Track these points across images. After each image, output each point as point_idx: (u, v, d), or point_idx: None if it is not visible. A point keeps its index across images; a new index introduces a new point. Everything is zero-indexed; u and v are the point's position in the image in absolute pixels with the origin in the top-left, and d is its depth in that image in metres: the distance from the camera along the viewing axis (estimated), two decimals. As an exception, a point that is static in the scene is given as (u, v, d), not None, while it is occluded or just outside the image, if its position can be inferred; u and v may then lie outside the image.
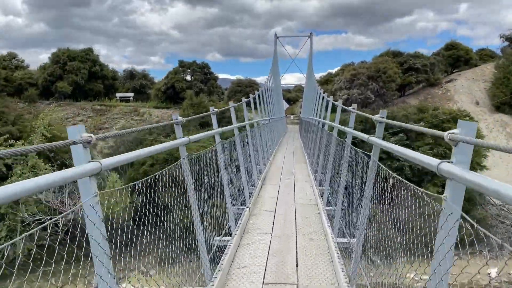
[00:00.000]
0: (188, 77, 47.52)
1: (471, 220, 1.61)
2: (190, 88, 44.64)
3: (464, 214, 1.74)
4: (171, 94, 46.36)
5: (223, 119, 42.64)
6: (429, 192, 2.17)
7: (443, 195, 1.89)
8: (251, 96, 12.85)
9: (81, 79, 44.95)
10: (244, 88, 57.66)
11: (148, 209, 2.87)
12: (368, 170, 3.88)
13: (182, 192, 3.94)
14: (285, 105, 48.36)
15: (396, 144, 4.07)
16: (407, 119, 28.85)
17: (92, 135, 1.96)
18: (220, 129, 5.88)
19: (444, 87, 47.52)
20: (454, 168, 1.71)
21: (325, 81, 60.27)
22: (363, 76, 42.91)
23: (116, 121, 43.07)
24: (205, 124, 36.12)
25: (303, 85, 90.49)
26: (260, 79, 33.80)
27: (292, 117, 65.69)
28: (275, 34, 44.35)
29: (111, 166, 2.19)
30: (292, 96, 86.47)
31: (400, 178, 2.86)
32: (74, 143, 1.86)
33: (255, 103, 17.60)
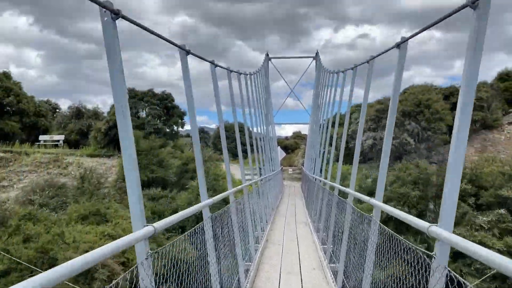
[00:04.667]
0: (143, 113, 36.51)
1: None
2: (141, 128, 33.41)
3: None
4: (115, 137, 35.05)
5: (186, 173, 30.77)
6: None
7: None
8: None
9: (-18, 114, 33.77)
10: (232, 134, 47.20)
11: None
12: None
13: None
14: (281, 153, 37.16)
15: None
16: (505, 179, 17.52)
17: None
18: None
19: (507, 131, 37.01)
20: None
21: (334, 123, 49.75)
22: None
23: (24, 175, 31.23)
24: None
25: (303, 133, 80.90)
26: (256, 130, 23.41)
27: (291, 170, 54.34)
28: (267, 54, 34.24)
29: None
30: (290, 144, 75.96)
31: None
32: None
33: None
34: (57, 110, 60.96)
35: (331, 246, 7.99)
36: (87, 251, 1.95)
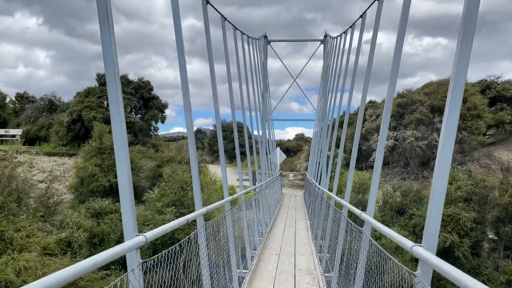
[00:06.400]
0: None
1: None
2: (109, 122, 27.90)
3: None
4: (80, 131, 29.69)
5: (160, 177, 25.74)
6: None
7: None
8: None
9: None
10: (230, 134, 43.11)
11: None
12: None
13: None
14: (281, 156, 31.80)
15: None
16: None
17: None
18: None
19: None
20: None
21: (341, 123, 44.03)
22: (422, 106, 26.68)
23: (-40, 177, 25.62)
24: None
25: (307, 135, 75.90)
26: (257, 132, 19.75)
27: (292, 175, 48.84)
28: (265, 36, 28.61)
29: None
30: (292, 146, 70.52)
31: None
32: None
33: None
34: (34, 103, 55.98)
35: None
36: None
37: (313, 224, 13.40)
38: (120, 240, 15.49)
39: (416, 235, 15.30)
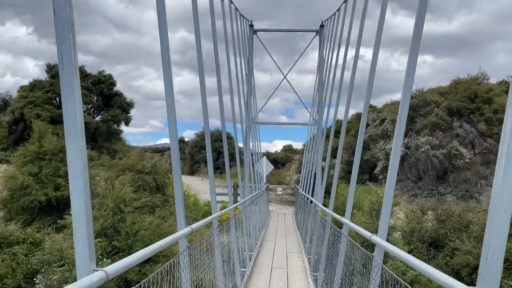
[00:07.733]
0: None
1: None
2: (59, 122, 23.10)
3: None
4: (23, 133, 24.73)
5: None
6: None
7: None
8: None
9: None
10: (213, 143, 38.19)
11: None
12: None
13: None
14: (268, 166, 27.28)
15: None
16: None
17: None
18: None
19: None
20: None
21: (337, 131, 39.59)
22: (438, 108, 22.42)
23: None
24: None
25: (295, 147, 71.59)
26: (241, 145, 16.50)
27: (280, 189, 44.06)
28: (251, 24, 24.01)
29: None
30: (280, 157, 65.94)
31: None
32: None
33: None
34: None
35: None
36: None
37: (316, 265, 8.79)
38: (21, 284, 10.66)
39: (462, 280, 10.70)
